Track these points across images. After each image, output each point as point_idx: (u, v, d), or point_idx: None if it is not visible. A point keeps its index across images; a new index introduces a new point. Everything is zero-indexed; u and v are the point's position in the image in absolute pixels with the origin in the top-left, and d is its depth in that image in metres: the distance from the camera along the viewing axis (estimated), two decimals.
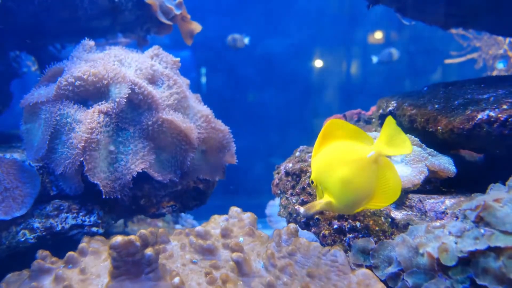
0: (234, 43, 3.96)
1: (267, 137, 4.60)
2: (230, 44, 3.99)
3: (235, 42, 3.97)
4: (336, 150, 0.98)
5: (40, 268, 1.10)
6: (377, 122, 1.77)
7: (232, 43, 3.97)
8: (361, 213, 1.17)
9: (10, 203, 1.25)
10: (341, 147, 0.97)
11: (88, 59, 1.46)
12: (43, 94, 1.38)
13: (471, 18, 1.82)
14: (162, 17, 1.99)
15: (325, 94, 4.79)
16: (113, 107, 1.35)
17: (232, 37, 3.97)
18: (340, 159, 0.96)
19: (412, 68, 4.69)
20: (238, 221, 1.27)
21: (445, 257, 0.91)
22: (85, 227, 1.36)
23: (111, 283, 0.96)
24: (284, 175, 1.54)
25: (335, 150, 0.98)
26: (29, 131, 1.42)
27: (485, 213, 0.92)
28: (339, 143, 0.98)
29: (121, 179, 1.35)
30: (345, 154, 0.96)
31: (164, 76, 1.54)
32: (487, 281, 0.86)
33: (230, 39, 3.98)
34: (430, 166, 1.17)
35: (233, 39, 3.96)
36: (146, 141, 1.43)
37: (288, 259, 1.09)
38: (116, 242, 0.92)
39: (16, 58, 2.37)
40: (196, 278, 1.04)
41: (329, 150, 0.99)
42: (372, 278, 1.01)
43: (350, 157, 0.94)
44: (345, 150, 0.96)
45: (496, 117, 1.11)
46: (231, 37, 3.97)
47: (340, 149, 0.97)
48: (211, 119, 1.61)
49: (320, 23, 4.72)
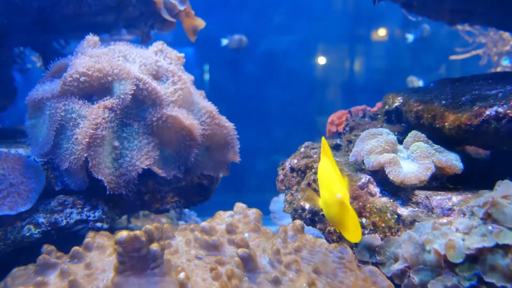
0: (239, 44, 3.92)
1: (270, 134, 4.60)
2: (234, 46, 3.94)
3: (240, 43, 3.92)
4: (328, 172, 1.11)
5: (46, 262, 1.10)
6: (383, 118, 1.76)
7: (238, 44, 3.92)
8: (367, 210, 1.16)
9: (15, 198, 1.25)
10: (331, 173, 1.09)
11: (93, 55, 1.46)
12: (48, 90, 1.38)
13: (477, 13, 1.81)
14: (166, 14, 1.99)
15: (329, 90, 4.77)
16: (118, 103, 1.34)
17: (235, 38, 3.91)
18: (327, 182, 1.09)
19: (417, 65, 4.66)
20: (243, 217, 1.27)
21: (452, 254, 0.90)
22: (89, 222, 1.36)
23: (116, 278, 0.96)
24: (289, 171, 1.54)
25: (328, 172, 1.11)
26: (34, 126, 1.42)
27: (493, 210, 0.92)
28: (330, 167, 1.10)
29: (126, 175, 1.35)
30: (330, 181, 1.08)
31: (168, 72, 1.53)
32: (495, 279, 0.85)
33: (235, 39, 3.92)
34: (437, 163, 1.16)
35: (239, 40, 3.91)
36: (150, 137, 1.42)
37: (294, 255, 1.09)
38: (122, 237, 0.92)
39: (21, 54, 2.37)
40: (201, 273, 1.04)
41: (326, 167, 1.12)
42: (379, 275, 1.01)
43: (331, 186, 1.06)
44: (331, 177, 1.08)
45: (504, 113, 1.09)
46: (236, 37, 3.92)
47: (330, 174, 1.10)
48: (216, 115, 1.60)
49: (324, 20, 4.70)
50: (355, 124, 1.76)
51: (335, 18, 4.77)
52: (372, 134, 1.32)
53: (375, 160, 1.19)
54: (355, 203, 1.18)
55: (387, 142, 1.24)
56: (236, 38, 3.93)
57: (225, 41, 3.99)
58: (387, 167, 1.15)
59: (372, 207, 1.16)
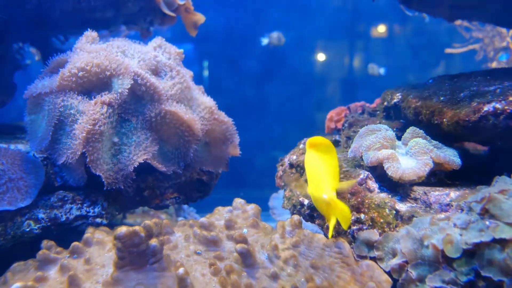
0: (279, 40, 3.95)
1: (269, 130, 4.60)
2: (275, 43, 3.98)
3: (279, 40, 3.96)
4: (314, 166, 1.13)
5: (46, 258, 1.11)
6: (382, 115, 1.76)
7: (278, 41, 3.96)
8: (366, 205, 1.17)
9: (14, 193, 1.26)
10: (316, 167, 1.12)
11: (91, 50, 1.46)
12: (46, 85, 1.38)
13: (475, 9, 1.81)
14: (165, 8, 1.98)
15: (328, 87, 4.77)
16: (116, 98, 1.34)
17: (274, 35, 3.95)
18: (313, 177, 1.11)
19: (415, 61, 4.66)
20: (242, 213, 1.27)
21: (450, 249, 0.91)
22: (89, 218, 1.36)
23: (115, 273, 0.97)
24: (288, 167, 1.54)
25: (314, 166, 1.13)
26: (33, 122, 1.42)
27: (491, 205, 0.92)
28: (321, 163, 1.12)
29: (124, 170, 1.35)
30: (316, 175, 1.11)
31: (167, 67, 1.53)
32: (492, 273, 0.86)
33: (274, 37, 3.95)
34: (435, 158, 1.16)
35: (278, 37, 3.95)
36: (149, 132, 1.43)
37: (292, 250, 1.09)
38: (121, 232, 0.92)
39: (19, 49, 2.36)
40: (200, 269, 1.05)
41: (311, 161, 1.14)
42: (376, 269, 1.01)
43: (317, 181, 1.10)
44: (317, 171, 1.11)
45: (502, 109, 1.10)
46: (275, 35, 3.95)
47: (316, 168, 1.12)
48: (215, 110, 1.60)
49: (324, 16, 4.69)
50: (354, 120, 1.76)
51: (334, 14, 4.76)
52: (371, 130, 1.32)
53: (374, 156, 1.19)
54: (353, 199, 1.19)
55: (385, 138, 1.24)
56: (275, 36, 4.04)
57: (265, 40, 4.07)
58: (386, 163, 1.16)
59: (370, 203, 1.16)
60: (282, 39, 4.01)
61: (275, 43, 4.01)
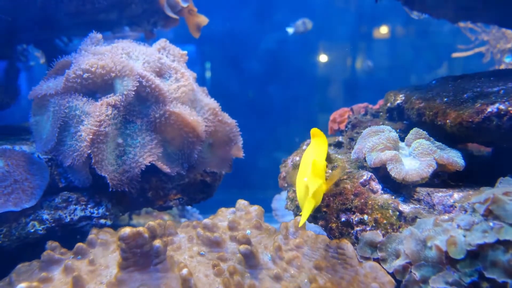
0: (305, 26, 3.88)
1: (273, 132, 4.60)
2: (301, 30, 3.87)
3: (305, 26, 3.88)
4: (306, 156, 1.23)
5: (50, 258, 1.11)
6: (385, 116, 1.76)
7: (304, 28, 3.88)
8: (369, 206, 1.17)
9: (19, 194, 1.26)
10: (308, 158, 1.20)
11: (96, 52, 1.47)
12: (51, 87, 1.39)
13: (479, 11, 1.80)
14: (169, 10, 1.99)
15: (331, 88, 4.76)
16: (121, 100, 1.35)
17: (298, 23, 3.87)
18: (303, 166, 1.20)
19: (418, 63, 4.65)
20: (245, 214, 1.28)
21: (454, 250, 0.91)
22: (93, 219, 1.37)
23: (119, 274, 0.97)
24: (292, 168, 1.54)
25: (307, 156, 1.23)
26: (38, 123, 1.43)
27: (494, 206, 0.92)
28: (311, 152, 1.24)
29: (129, 172, 1.36)
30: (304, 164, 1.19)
31: (171, 69, 1.54)
32: (496, 274, 0.85)
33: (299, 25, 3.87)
34: (439, 160, 1.16)
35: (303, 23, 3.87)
36: (153, 133, 1.43)
37: (296, 251, 1.09)
38: (125, 233, 0.93)
39: (24, 51, 2.38)
40: (204, 270, 1.05)
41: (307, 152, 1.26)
42: (379, 270, 1.01)
43: (304, 167, 1.17)
44: (307, 162, 1.18)
45: (506, 110, 1.10)
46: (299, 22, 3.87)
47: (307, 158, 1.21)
48: (218, 112, 1.61)
49: (327, 17, 4.69)
50: (357, 121, 1.76)
51: (337, 15, 4.76)
52: (374, 131, 1.32)
53: (377, 157, 1.19)
54: (357, 200, 1.19)
55: (388, 139, 1.25)
56: (300, 23, 3.92)
57: (290, 30, 3.96)
58: (389, 164, 1.16)
59: (374, 204, 1.16)
60: (308, 25, 3.88)
61: (301, 31, 3.89)
